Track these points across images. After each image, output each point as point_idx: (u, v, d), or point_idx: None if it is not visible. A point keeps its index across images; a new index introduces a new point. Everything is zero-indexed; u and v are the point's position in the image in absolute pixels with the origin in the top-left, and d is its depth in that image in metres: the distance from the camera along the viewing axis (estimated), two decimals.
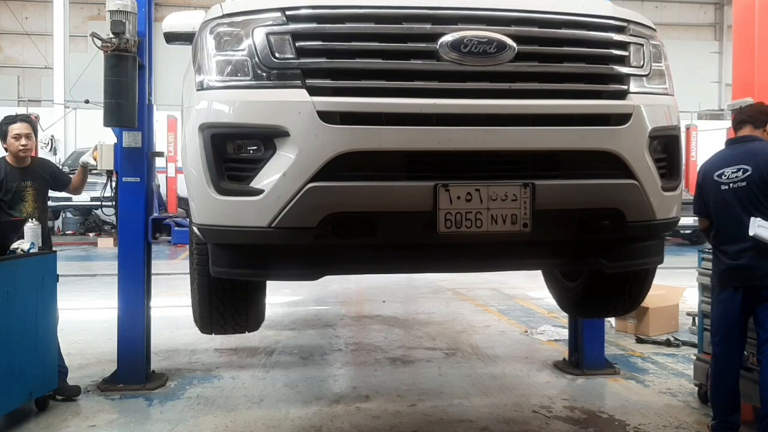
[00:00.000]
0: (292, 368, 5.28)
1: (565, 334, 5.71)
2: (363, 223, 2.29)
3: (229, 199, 2.29)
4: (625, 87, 2.46)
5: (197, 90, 2.39)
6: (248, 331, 3.21)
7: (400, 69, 2.28)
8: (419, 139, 2.24)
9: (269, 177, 2.24)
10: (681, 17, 23.70)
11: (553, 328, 6.64)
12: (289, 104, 2.22)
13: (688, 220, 16.01)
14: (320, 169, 2.20)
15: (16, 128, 4.55)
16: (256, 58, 2.28)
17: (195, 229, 2.61)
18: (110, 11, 4.24)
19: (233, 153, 2.31)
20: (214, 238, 2.48)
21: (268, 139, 2.25)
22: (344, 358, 5.66)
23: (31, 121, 4.81)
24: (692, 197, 3.98)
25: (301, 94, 2.23)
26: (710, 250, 4.57)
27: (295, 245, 2.34)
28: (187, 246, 3.36)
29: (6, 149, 4.65)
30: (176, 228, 4.69)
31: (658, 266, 3.05)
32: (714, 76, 23.74)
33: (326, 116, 2.20)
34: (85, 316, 7.03)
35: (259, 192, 2.25)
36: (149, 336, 4.85)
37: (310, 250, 2.37)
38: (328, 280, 10.75)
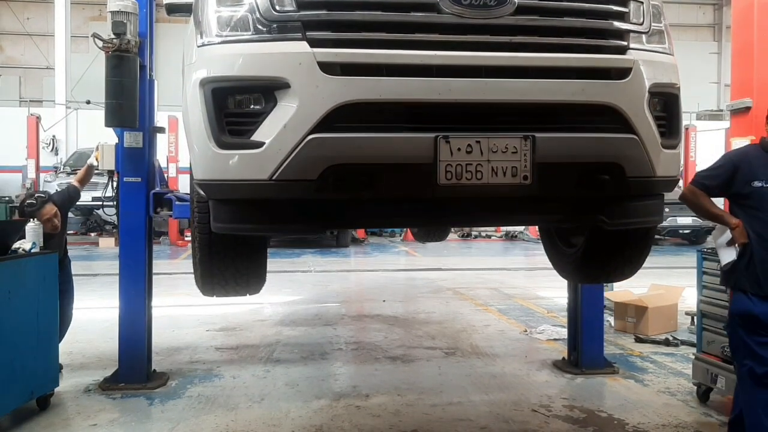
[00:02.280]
0: (292, 367, 5.30)
1: (564, 333, 5.73)
2: (363, 175, 2.29)
3: (230, 153, 2.30)
4: (625, 43, 2.48)
5: (198, 47, 2.41)
6: (249, 294, 3.20)
7: (401, 21, 2.30)
8: (420, 90, 2.26)
9: (270, 129, 2.25)
10: (680, 18, 23.69)
11: (553, 327, 6.65)
12: (290, 56, 2.24)
13: (687, 220, 16.02)
14: (321, 121, 2.21)
15: (46, 213, 4.57)
16: (257, 12, 2.30)
17: (196, 186, 2.62)
18: (111, 12, 4.26)
19: (234, 107, 2.32)
20: (215, 193, 2.48)
21: (268, 91, 2.27)
22: (344, 357, 5.68)
23: (52, 198, 4.79)
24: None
25: (302, 46, 2.25)
26: (710, 250, 4.60)
27: (296, 199, 2.35)
28: (188, 246, 3.36)
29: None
30: (177, 202, 4.69)
31: (655, 266, 3.05)
32: (713, 77, 23.74)
33: (327, 67, 2.22)
34: (86, 315, 7.03)
35: (259, 145, 2.26)
36: (150, 335, 4.87)
37: (311, 203, 2.38)
38: (328, 279, 10.80)
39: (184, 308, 7.59)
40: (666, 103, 2.61)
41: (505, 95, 2.33)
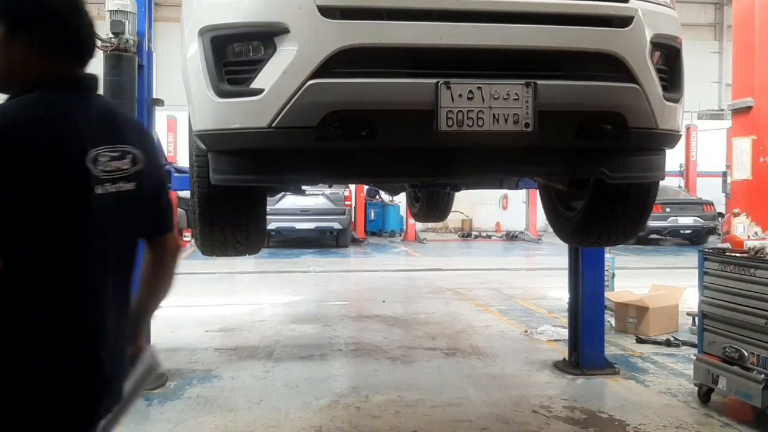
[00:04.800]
0: (291, 368, 5.28)
1: (565, 334, 5.71)
2: (364, 122, 2.27)
3: (230, 101, 2.28)
4: None
5: None
6: (249, 253, 3.15)
7: None
8: (420, 35, 2.23)
9: (269, 76, 2.22)
10: (681, 17, 23.10)
11: (553, 328, 6.64)
12: (289, 0, 2.22)
13: (688, 220, 16.04)
14: (321, 66, 2.19)
15: None
16: None
17: (195, 137, 2.60)
18: (110, 11, 4.26)
19: (233, 55, 2.30)
20: (214, 143, 2.46)
21: (267, 37, 2.24)
22: (344, 357, 5.67)
23: None
24: (694, 198, 3.95)
25: None
26: (710, 251, 4.59)
27: (296, 147, 2.33)
28: (188, 245, 3.35)
29: None
30: (176, 174, 4.66)
31: (657, 266, 3.03)
32: (714, 76, 23.71)
33: (326, 11, 2.19)
34: None
35: (259, 92, 2.23)
36: (149, 336, 4.84)
37: (311, 152, 2.36)
38: (327, 279, 10.79)
39: (184, 309, 7.58)
40: (668, 57, 2.60)
41: (507, 41, 2.30)
